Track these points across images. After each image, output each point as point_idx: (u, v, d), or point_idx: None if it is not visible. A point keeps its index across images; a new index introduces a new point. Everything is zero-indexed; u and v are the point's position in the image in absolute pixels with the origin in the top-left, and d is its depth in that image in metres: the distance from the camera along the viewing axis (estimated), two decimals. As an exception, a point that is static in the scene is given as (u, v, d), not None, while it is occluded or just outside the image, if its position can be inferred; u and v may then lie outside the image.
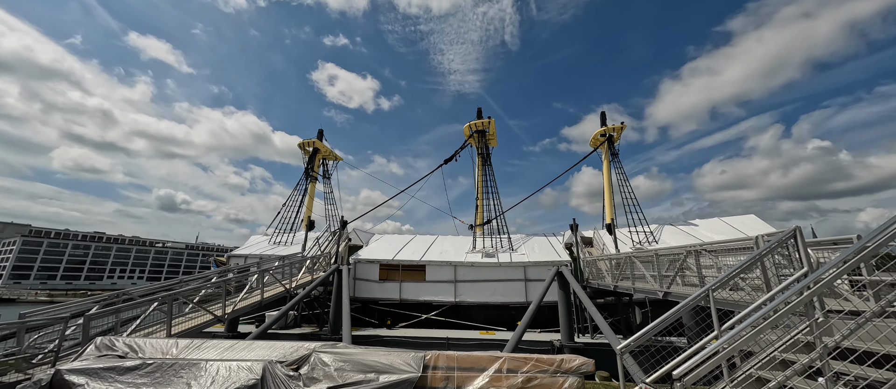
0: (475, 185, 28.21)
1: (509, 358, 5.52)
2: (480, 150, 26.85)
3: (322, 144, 30.65)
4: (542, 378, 5.29)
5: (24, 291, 60.68)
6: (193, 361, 5.51)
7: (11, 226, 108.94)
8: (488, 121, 26.24)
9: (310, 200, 29.75)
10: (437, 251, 21.40)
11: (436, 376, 5.41)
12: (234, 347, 6.18)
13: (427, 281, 19.36)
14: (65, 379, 5.16)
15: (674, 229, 21.68)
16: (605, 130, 24.69)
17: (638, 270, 10.67)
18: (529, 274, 18.72)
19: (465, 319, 18.69)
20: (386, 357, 5.62)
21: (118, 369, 5.32)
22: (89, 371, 5.25)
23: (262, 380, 5.21)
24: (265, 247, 23.66)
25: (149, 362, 5.43)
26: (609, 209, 24.38)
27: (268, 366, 5.42)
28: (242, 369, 5.31)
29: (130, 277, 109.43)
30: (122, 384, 5.18)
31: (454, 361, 5.53)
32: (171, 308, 8.74)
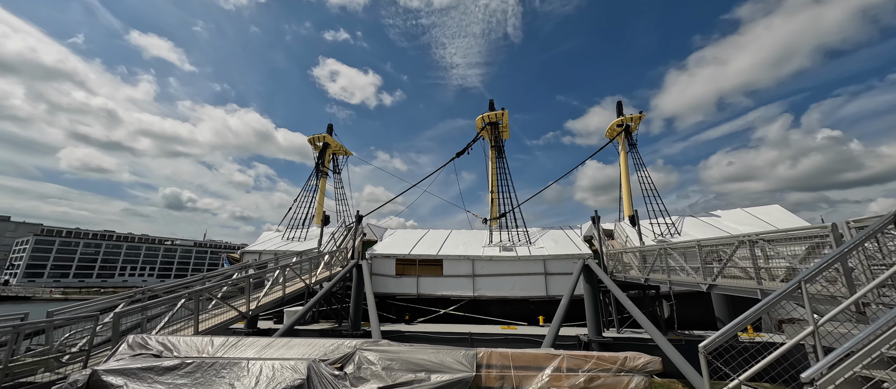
0: (488, 179, 27.83)
1: (568, 356, 5.17)
2: (494, 142, 26.40)
3: (332, 138, 30.36)
4: (605, 378, 4.94)
5: (39, 289, 61.57)
6: (234, 360, 5.23)
7: (24, 225, 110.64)
8: (502, 112, 25.74)
9: (321, 195, 29.58)
10: (454, 245, 21.08)
11: (490, 375, 5.09)
12: (272, 345, 5.91)
13: (445, 276, 19.07)
14: (102, 380, 4.91)
15: (695, 220, 21.15)
16: (622, 120, 24.10)
17: (674, 262, 10.25)
18: (550, 268, 18.34)
19: (482, 313, 18.40)
20: (435, 355, 5.30)
21: (157, 369, 5.06)
22: (127, 371, 4.99)
23: (307, 380, 4.92)
24: (278, 243, 23.50)
25: (188, 361, 5.16)
26: (627, 201, 23.88)
27: (313, 365, 5.13)
28: (286, 368, 5.02)
29: (141, 274, 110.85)
30: (162, 384, 4.92)
31: (508, 359, 5.20)
32: (197, 305, 8.52)
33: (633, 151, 23.41)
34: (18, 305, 47.61)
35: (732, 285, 7.80)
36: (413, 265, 19.47)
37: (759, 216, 20.03)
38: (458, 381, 4.86)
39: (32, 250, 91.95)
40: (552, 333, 9.05)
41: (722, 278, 8.29)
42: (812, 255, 6.40)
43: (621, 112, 25.00)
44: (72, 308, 7.46)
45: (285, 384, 4.80)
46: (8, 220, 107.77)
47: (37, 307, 46.31)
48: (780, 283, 6.82)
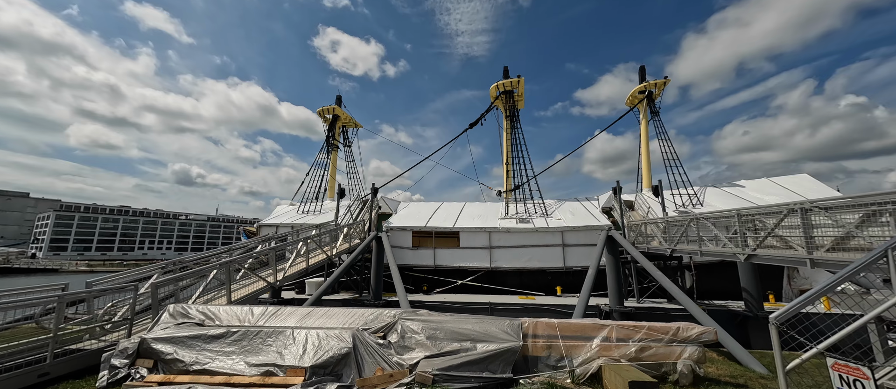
0: (501, 150, 27.23)
1: (617, 326, 5.03)
2: (508, 112, 25.56)
3: (342, 110, 29.75)
4: (656, 348, 4.81)
5: (65, 261, 64.19)
6: (278, 328, 5.22)
7: (44, 202, 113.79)
8: (518, 80, 24.70)
9: (332, 168, 29.42)
10: (469, 217, 21.00)
11: (536, 344, 5.00)
12: (312, 314, 5.89)
13: (461, 248, 19.13)
14: (152, 348, 4.95)
15: (718, 190, 20.59)
16: (645, 86, 22.97)
17: (706, 232, 9.96)
18: (568, 239, 18.22)
19: (498, 284, 18.59)
20: (480, 325, 5.21)
21: (204, 337, 5.07)
22: (175, 339, 5.02)
23: (353, 348, 4.89)
24: (294, 216, 23.69)
25: (233, 330, 5.16)
26: (646, 172, 23.28)
27: (357, 334, 5.09)
28: (332, 336, 4.99)
29: (159, 247, 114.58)
30: (211, 352, 4.94)
31: (554, 329, 5.09)
32: (229, 275, 8.58)
33: (655, 119, 22.48)
34: (47, 276, 49.89)
35: (776, 255, 7.52)
36: (429, 237, 19.52)
37: (787, 186, 19.39)
38: (505, 351, 4.79)
39: (54, 225, 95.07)
40: (582, 303, 8.99)
41: (762, 248, 8.01)
42: (866, 223, 6.06)
43: (644, 78, 23.79)
44: (106, 279, 7.55)
45: (332, 351, 4.78)
46: (28, 196, 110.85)
47: (66, 278, 48.44)
48: (824, 253, 6.55)
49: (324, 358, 4.69)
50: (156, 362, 4.95)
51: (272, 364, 4.69)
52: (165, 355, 4.87)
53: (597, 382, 4.56)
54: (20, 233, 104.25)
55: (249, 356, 4.90)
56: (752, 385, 4.85)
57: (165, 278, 6.93)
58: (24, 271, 53.96)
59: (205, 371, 4.72)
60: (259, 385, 4.42)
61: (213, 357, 4.89)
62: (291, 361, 4.69)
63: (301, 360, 4.69)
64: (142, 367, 4.85)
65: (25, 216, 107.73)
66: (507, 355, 4.75)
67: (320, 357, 4.70)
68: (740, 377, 5.21)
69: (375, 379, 4.50)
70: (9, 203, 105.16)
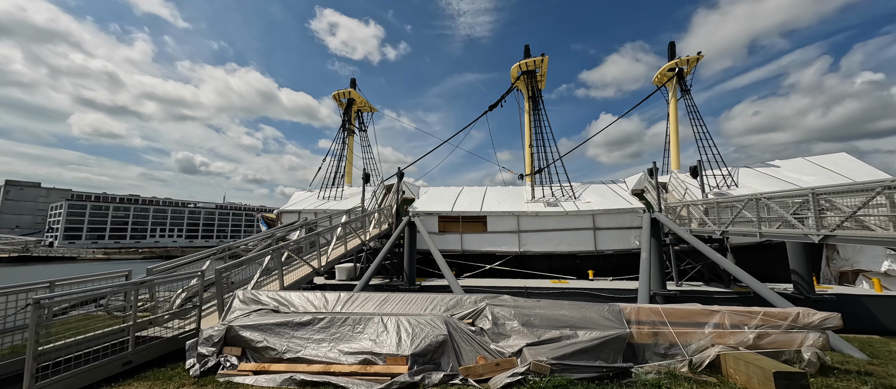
0: (523, 132, 26.62)
1: (730, 312, 4.72)
2: (530, 92, 24.81)
3: (357, 94, 29.12)
4: (775, 335, 4.51)
5: (81, 250, 65.25)
6: (366, 315, 4.98)
7: (55, 191, 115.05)
8: (541, 59, 23.84)
9: (350, 153, 29.02)
10: (495, 201, 20.67)
11: (641, 331, 4.72)
12: (388, 300, 5.66)
13: (489, 232, 18.89)
14: (241, 335, 4.74)
15: (752, 171, 20.01)
16: (675, 64, 22.06)
17: (768, 212, 9.57)
18: (599, 223, 17.89)
19: (527, 268, 18.42)
20: (577, 311, 4.93)
21: (291, 324, 4.86)
22: (264, 326, 4.81)
23: (448, 335, 4.65)
24: (315, 203, 23.51)
25: (320, 317, 4.94)
26: (675, 152, 22.66)
27: (450, 321, 4.84)
28: (425, 324, 4.74)
29: (171, 235, 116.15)
30: (300, 339, 4.73)
31: (659, 314, 4.79)
32: (280, 261, 8.39)
33: (686, 97, 21.69)
34: (66, 265, 50.79)
35: (860, 235, 7.14)
36: (456, 221, 19.27)
37: (825, 165, 18.76)
38: (613, 338, 4.52)
39: (67, 214, 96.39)
40: (644, 287, 8.71)
41: (840, 229, 7.61)
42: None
43: (674, 55, 22.84)
44: (162, 266, 7.36)
45: (430, 339, 4.54)
46: (39, 186, 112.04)
47: (84, 266, 49.26)
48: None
49: (422, 346, 4.46)
50: (244, 350, 4.76)
51: (369, 352, 4.47)
52: (255, 342, 4.66)
53: (714, 371, 4.29)
54: (34, 222, 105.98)
55: (341, 343, 4.68)
56: (878, 371, 4.56)
57: (229, 264, 6.72)
58: (43, 259, 54.91)
59: (299, 359, 4.52)
60: (360, 373, 4.21)
61: (304, 344, 4.68)
62: (389, 349, 4.47)
63: (399, 348, 4.46)
64: (231, 355, 4.66)
65: (38, 206, 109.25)
66: (615, 342, 4.49)
67: (419, 344, 4.47)
68: (858, 364, 4.92)
69: (480, 368, 4.27)
70: (22, 193, 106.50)
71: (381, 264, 18.38)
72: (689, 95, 21.73)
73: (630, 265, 17.90)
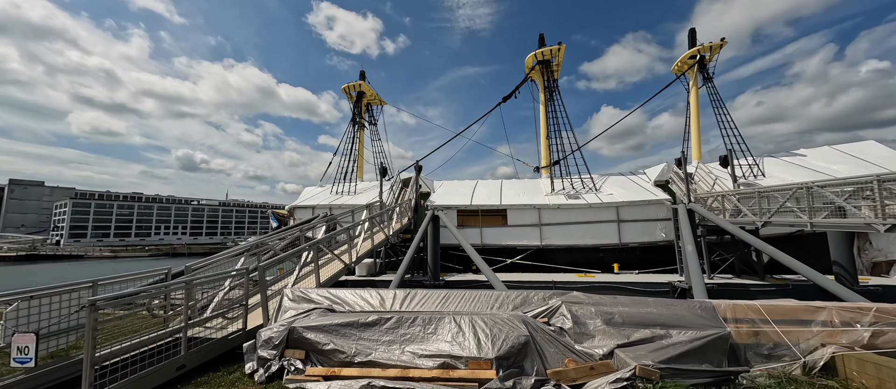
0: (537, 124, 26.10)
1: (837, 308, 4.33)
2: (546, 83, 24.22)
3: (367, 86, 28.57)
4: (892, 333, 4.11)
5: (88, 248, 65.24)
6: (436, 314, 4.61)
7: (59, 190, 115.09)
8: (558, 48, 23.20)
9: (360, 146, 28.56)
10: (514, 194, 20.26)
11: (740, 331, 4.33)
12: (449, 298, 5.29)
13: (509, 226, 18.51)
14: (304, 337, 4.38)
15: (777, 161, 19.52)
16: (697, 51, 21.43)
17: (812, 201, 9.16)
18: (623, 215, 17.48)
19: (547, 262, 18.07)
20: (664, 308, 4.54)
21: (357, 324, 4.49)
22: (328, 327, 4.44)
23: (530, 336, 4.27)
24: (329, 198, 23.12)
25: (387, 316, 4.57)
26: (696, 143, 22.14)
27: (529, 321, 4.46)
28: (502, 323, 4.37)
29: (175, 232, 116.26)
30: (368, 341, 4.36)
31: (759, 312, 4.40)
32: (317, 257, 8.03)
33: (708, 85, 21.11)
34: (72, 264, 50.72)
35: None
36: (475, 215, 18.89)
37: (854, 154, 18.24)
38: (714, 339, 4.13)
39: (72, 212, 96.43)
40: (699, 281, 8.29)
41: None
42: None
43: (694, 42, 22.19)
44: (200, 264, 7.00)
45: (512, 340, 4.17)
46: (43, 185, 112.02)
47: (92, 264, 49.23)
48: None
49: (505, 348, 4.09)
50: (307, 352, 4.40)
51: (448, 355, 4.11)
52: (321, 345, 4.30)
53: (828, 373, 3.91)
54: (39, 221, 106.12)
55: (412, 345, 4.32)
56: None
57: (271, 261, 6.35)
58: (51, 257, 54.88)
59: (370, 362, 4.16)
60: (443, 379, 3.85)
61: (373, 346, 4.32)
62: (470, 351, 4.10)
63: (480, 350, 4.09)
64: (294, 359, 4.31)
65: (43, 205, 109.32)
66: (717, 343, 4.11)
67: (502, 347, 4.09)
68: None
69: (572, 372, 3.90)
70: (26, 192, 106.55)
71: (400, 260, 18.13)
72: (711, 82, 21.15)
73: (654, 257, 17.54)
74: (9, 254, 51.15)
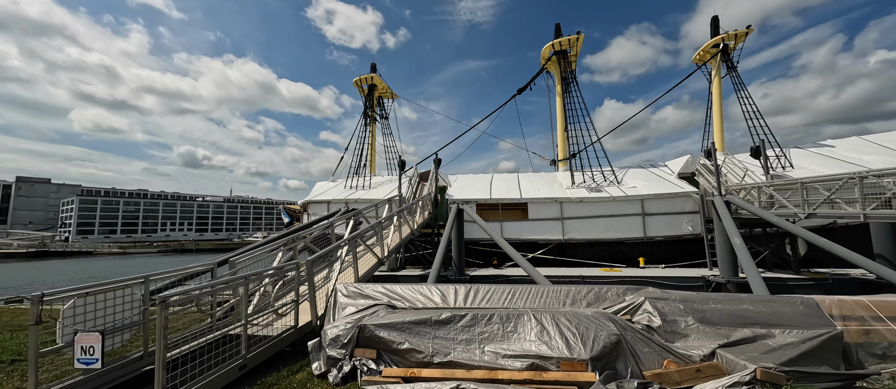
0: (553, 116, 25.65)
1: (957, 301, 3.95)
2: (563, 73, 23.70)
3: (379, 78, 28.12)
4: None
5: (97, 245, 65.53)
6: (514, 311, 4.29)
7: (65, 187, 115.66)
8: (577, 37, 22.65)
9: (372, 140, 28.19)
10: (533, 188, 19.90)
11: (849, 329, 3.98)
12: (516, 294, 4.96)
13: (530, 220, 18.18)
14: (376, 336, 4.08)
15: (804, 152, 19.01)
16: (721, 40, 20.83)
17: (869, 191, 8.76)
18: (648, 208, 17.09)
19: (568, 256, 17.75)
20: (763, 305, 4.20)
21: (429, 322, 4.19)
22: (401, 325, 4.13)
23: (621, 335, 3.94)
24: (344, 193, 22.83)
25: (461, 314, 4.26)
26: (719, 134, 21.64)
27: (616, 319, 4.13)
28: (588, 321, 4.04)
29: (181, 229, 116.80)
30: (444, 340, 4.06)
31: (868, 308, 4.05)
32: (354, 251, 7.73)
33: (731, 74, 20.55)
34: (83, 260, 50.92)
35: None
36: (495, 209, 18.56)
37: (885, 144, 17.71)
38: (828, 338, 3.78)
39: (79, 209, 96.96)
40: (756, 277, 7.90)
41: None
42: None
43: (717, 30, 21.57)
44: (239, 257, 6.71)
45: (603, 340, 3.85)
46: (49, 182, 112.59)
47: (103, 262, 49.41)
48: None
49: (598, 349, 3.77)
50: (378, 352, 4.10)
51: (536, 355, 3.80)
52: (395, 344, 4.00)
53: (956, 372, 3.56)
54: (46, 218, 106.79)
55: (493, 344, 4.01)
56: None
57: (317, 255, 6.05)
58: (61, 254, 55.15)
59: (451, 363, 3.85)
60: (536, 381, 3.54)
61: (450, 345, 4.01)
62: (559, 352, 3.78)
63: (571, 351, 3.77)
64: (366, 358, 4.01)
65: (50, 202, 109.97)
66: (831, 343, 3.78)
67: (595, 347, 3.77)
68: None
69: (676, 374, 3.57)
70: (33, 189, 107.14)
71: (421, 255, 17.88)
72: (735, 71, 20.58)
73: (679, 251, 17.18)
74: (19, 250, 51.43)
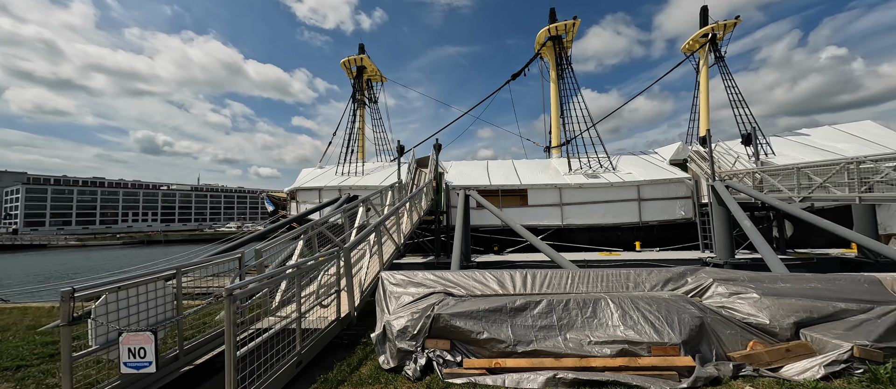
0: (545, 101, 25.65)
1: None
2: (558, 59, 23.62)
3: (368, 60, 26.94)
4: None
5: (50, 237, 60.24)
6: (590, 296, 4.10)
7: (7, 174, 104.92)
8: (573, 22, 22.50)
9: (362, 124, 27.16)
10: (531, 174, 19.92)
11: (910, 301, 4.09)
12: (576, 279, 4.80)
13: (530, 206, 18.22)
14: (452, 326, 3.78)
15: (784, 140, 20.12)
16: (710, 29, 21.39)
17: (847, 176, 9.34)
18: (644, 194, 17.55)
19: (567, 241, 18.03)
20: (829, 283, 4.25)
21: (505, 310, 3.93)
22: (477, 314, 3.85)
23: (702, 317, 3.86)
24: (337, 179, 21.92)
25: (535, 300, 4.02)
26: (705, 124, 22.45)
27: (694, 302, 4.04)
28: (671, 304, 3.93)
29: (144, 220, 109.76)
30: (522, 328, 3.83)
31: (926, 281, 4.16)
32: (380, 239, 7.31)
33: (719, 64, 21.24)
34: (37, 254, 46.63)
35: None
36: (495, 195, 18.43)
37: (855, 133, 19.03)
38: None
39: (26, 198, 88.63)
40: (773, 258, 8.22)
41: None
42: None
43: (706, 20, 22.13)
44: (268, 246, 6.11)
45: (688, 324, 3.74)
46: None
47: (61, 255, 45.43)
48: None
49: (686, 332, 3.66)
50: (452, 342, 3.80)
51: (624, 341, 3.64)
52: (474, 334, 3.71)
53: None
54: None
55: (573, 332, 3.81)
56: None
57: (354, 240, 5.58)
58: (10, 248, 50.27)
59: (536, 352, 3.62)
60: (632, 368, 3.38)
61: (530, 333, 3.78)
62: (649, 336, 3.65)
63: (660, 335, 3.65)
64: (440, 350, 3.70)
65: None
66: (904, 316, 3.83)
67: (681, 330, 3.66)
68: None
69: (766, 355, 3.53)
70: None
71: (420, 242, 17.54)
72: (723, 61, 21.28)
73: (671, 235, 17.86)
74: (-42, 245, 46.35)
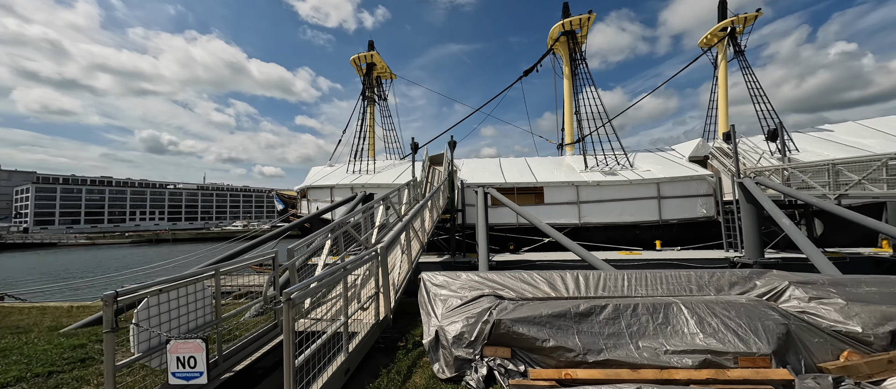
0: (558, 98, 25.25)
1: None
2: (572, 55, 23.16)
3: (378, 56, 26.64)
4: None
5: (60, 236, 60.73)
6: (659, 300, 3.77)
7: (17, 174, 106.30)
8: (588, 16, 22.04)
9: (371, 121, 26.89)
10: (546, 171, 19.54)
11: None
12: (633, 281, 4.46)
13: (546, 204, 17.85)
14: (514, 332, 3.47)
15: (805, 136, 19.57)
16: (730, 22, 20.83)
17: None
18: (664, 191, 17.11)
19: (583, 239, 17.63)
20: (884, 286, 3.87)
21: (569, 315, 3.61)
22: (540, 320, 3.53)
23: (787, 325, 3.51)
24: (349, 178, 21.67)
25: (600, 304, 3.70)
26: (724, 119, 21.91)
27: (776, 307, 3.69)
28: (750, 309, 3.59)
29: (152, 218, 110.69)
30: (590, 335, 3.51)
31: None
32: (409, 237, 7.02)
33: (739, 58, 20.69)
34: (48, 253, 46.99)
35: None
36: (510, 193, 18.06)
37: (880, 128, 18.44)
38: None
39: (36, 197, 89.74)
40: (820, 258, 7.84)
41: None
42: None
43: (725, 14, 21.55)
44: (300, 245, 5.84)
45: (774, 332, 3.41)
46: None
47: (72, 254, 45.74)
48: None
49: (774, 341, 3.32)
50: (512, 350, 3.50)
51: (706, 350, 3.31)
52: (539, 341, 3.41)
53: None
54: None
55: (646, 340, 3.49)
56: None
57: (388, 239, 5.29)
58: (20, 246, 50.74)
59: (609, 362, 3.30)
60: (720, 381, 3.05)
61: (599, 341, 3.46)
62: (733, 346, 3.31)
63: (746, 344, 3.31)
64: (501, 358, 3.40)
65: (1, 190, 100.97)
66: None
67: (770, 339, 3.32)
68: None
69: (865, 366, 3.19)
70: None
71: (434, 240, 17.25)
72: (742, 55, 20.72)
73: (691, 234, 17.42)
74: (-29, 243, 46.84)
